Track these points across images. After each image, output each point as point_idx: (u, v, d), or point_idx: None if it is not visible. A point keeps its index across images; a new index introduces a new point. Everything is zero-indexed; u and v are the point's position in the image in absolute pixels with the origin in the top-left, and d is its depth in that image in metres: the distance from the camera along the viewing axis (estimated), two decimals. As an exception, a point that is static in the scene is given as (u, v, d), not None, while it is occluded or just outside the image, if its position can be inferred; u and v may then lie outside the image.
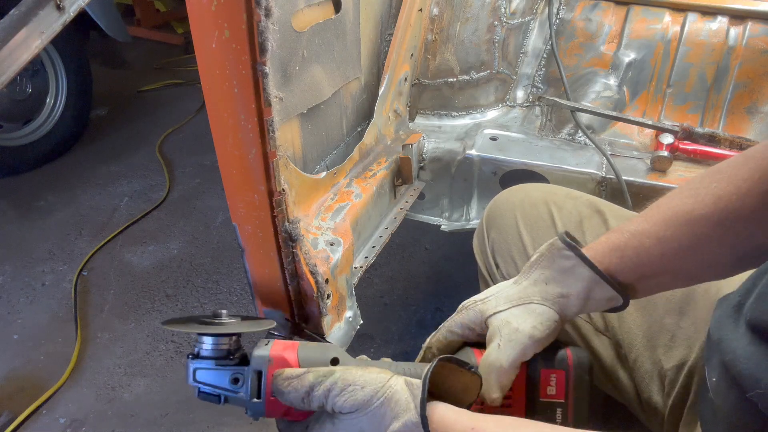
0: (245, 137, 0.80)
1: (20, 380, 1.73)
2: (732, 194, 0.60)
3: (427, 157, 1.41)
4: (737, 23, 1.45)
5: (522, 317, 0.65)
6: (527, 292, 0.67)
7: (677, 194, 0.65)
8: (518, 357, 0.64)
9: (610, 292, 0.65)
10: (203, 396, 0.66)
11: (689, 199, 0.63)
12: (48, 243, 2.30)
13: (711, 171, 0.65)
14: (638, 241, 0.65)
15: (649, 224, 0.65)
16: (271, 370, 0.63)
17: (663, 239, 0.63)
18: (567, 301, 0.66)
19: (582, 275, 0.65)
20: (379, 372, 0.59)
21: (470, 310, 0.69)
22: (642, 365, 0.79)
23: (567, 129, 1.45)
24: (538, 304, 0.66)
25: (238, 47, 0.74)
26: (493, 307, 0.67)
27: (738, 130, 1.43)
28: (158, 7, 4.41)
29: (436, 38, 1.47)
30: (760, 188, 0.59)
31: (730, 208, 0.60)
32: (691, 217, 0.62)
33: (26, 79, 2.67)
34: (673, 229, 0.63)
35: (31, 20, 1.39)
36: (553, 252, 0.68)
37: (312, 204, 1.07)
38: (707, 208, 0.61)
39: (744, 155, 0.63)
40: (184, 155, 2.92)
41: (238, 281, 2.08)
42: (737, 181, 0.61)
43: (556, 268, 0.67)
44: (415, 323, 1.87)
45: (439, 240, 2.22)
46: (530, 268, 0.69)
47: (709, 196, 0.62)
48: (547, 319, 0.65)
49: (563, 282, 0.66)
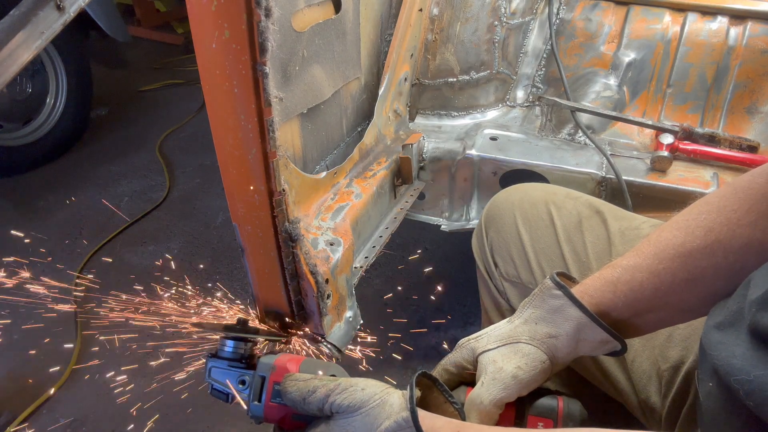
0: (245, 137, 0.80)
1: (20, 380, 1.73)
2: (723, 225, 0.60)
3: (427, 157, 1.41)
4: (737, 23, 1.45)
5: (508, 357, 0.65)
6: (517, 331, 0.67)
7: (668, 227, 0.65)
8: (500, 396, 0.63)
9: (602, 334, 0.64)
10: (215, 393, 0.73)
11: (680, 231, 0.63)
12: (48, 243, 2.30)
13: (700, 202, 0.65)
14: (630, 275, 0.64)
15: (641, 258, 0.64)
16: (273, 377, 0.68)
17: (656, 273, 0.63)
18: (556, 341, 0.65)
19: (571, 315, 0.64)
20: (379, 382, 0.62)
21: (464, 348, 0.70)
22: (640, 366, 0.79)
23: (567, 129, 1.45)
24: (526, 344, 0.65)
25: (238, 47, 0.74)
26: (484, 345, 0.68)
27: (738, 130, 1.43)
28: (158, 7, 4.41)
29: (436, 38, 1.47)
30: (750, 218, 0.59)
31: (722, 239, 0.60)
32: (684, 249, 0.62)
33: (26, 79, 2.67)
34: (667, 262, 0.62)
35: (31, 20, 1.39)
36: (543, 291, 0.67)
37: (312, 204, 1.07)
38: (698, 240, 0.61)
39: (732, 186, 0.63)
40: (184, 155, 2.92)
41: (238, 281, 2.08)
42: (727, 213, 0.60)
43: (546, 308, 0.66)
44: (415, 323, 1.87)
45: (439, 240, 2.22)
46: (524, 307, 0.69)
47: (700, 229, 0.61)
48: (534, 359, 0.64)
49: (552, 322, 0.66)
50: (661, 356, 0.77)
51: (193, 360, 1.11)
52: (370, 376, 0.64)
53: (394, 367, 1.71)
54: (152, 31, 4.38)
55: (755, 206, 0.59)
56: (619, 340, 0.64)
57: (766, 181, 0.60)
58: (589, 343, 0.65)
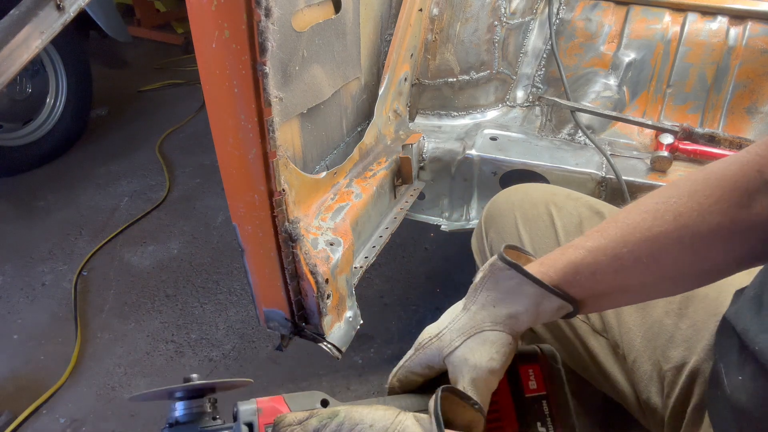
0: (245, 137, 0.81)
1: (20, 380, 1.73)
2: (693, 211, 0.59)
3: (427, 157, 1.41)
4: (737, 23, 1.45)
5: (478, 350, 0.64)
6: (477, 319, 0.66)
7: (635, 210, 0.64)
8: (486, 393, 0.63)
9: (558, 301, 0.64)
10: None
11: (648, 215, 0.62)
12: (48, 243, 2.30)
13: (669, 186, 0.64)
14: (593, 258, 0.63)
15: (606, 240, 0.63)
16: (262, 420, 0.60)
17: (619, 256, 0.62)
18: (517, 320, 0.65)
19: (528, 292, 0.64)
20: (385, 409, 0.57)
21: (428, 348, 0.67)
22: (641, 366, 0.79)
23: (567, 129, 1.45)
24: (491, 331, 0.64)
25: (238, 47, 0.74)
26: (449, 343, 0.65)
27: (738, 130, 1.43)
28: (158, 7, 4.41)
29: (436, 38, 1.47)
30: (721, 206, 0.58)
31: (690, 225, 0.59)
32: (651, 234, 0.61)
33: (26, 79, 2.67)
34: (631, 245, 0.62)
35: (31, 20, 1.39)
36: (495, 272, 0.66)
37: (312, 204, 1.07)
38: (667, 224, 0.60)
39: (704, 171, 0.62)
40: (184, 155, 2.92)
41: (238, 281, 2.08)
42: (698, 198, 0.60)
43: (502, 289, 0.65)
44: (415, 323, 1.87)
45: (439, 240, 2.22)
46: (475, 291, 0.67)
47: (669, 213, 0.61)
48: (502, 344, 0.64)
49: (510, 302, 0.65)
50: (662, 356, 0.77)
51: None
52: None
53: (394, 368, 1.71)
54: (152, 31, 4.38)
55: (726, 194, 0.59)
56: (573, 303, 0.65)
57: (738, 168, 0.59)
58: (546, 313, 0.65)
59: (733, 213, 0.58)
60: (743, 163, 0.59)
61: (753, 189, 0.58)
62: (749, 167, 0.58)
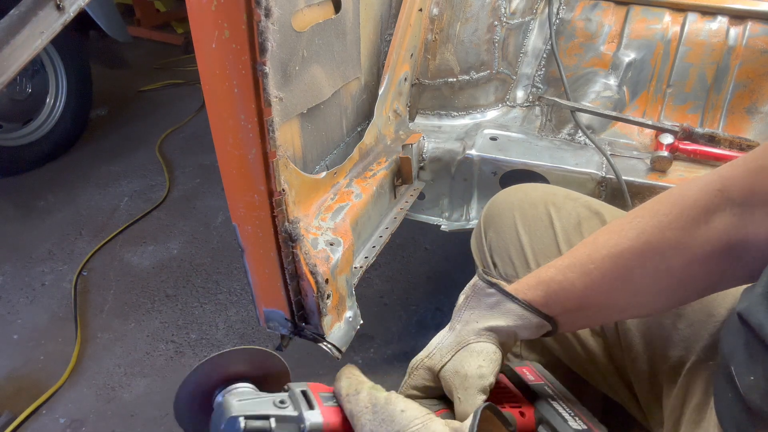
0: (245, 137, 0.81)
1: (20, 380, 1.73)
2: (654, 228, 0.63)
3: (427, 157, 1.41)
4: (737, 23, 1.45)
5: (466, 360, 0.67)
6: (462, 334, 0.69)
7: (604, 231, 0.69)
8: (481, 399, 0.65)
9: (537, 319, 0.68)
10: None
11: (614, 234, 0.66)
12: (48, 243, 2.30)
13: (637, 209, 0.68)
14: (563, 275, 0.67)
15: (574, 258, 0.68)
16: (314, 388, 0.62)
17: (587, 272, 0.66)
18: (498, 332, 0.68)
19: (508, 309, 0.68)
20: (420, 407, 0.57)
21: (420, 369, 0.71)
22: (640, 366, 0.79)
23: (567, 129, 1.45)
24: (476, 343, 0.68)
25: (238, 47, 0.74)
26: (439, 360, 0.69)
27: (738, 130, 1.43)
28: (158, 7, 4.41)
29: (436, 38, 1.48)
30: (678, 223, 0.62)
31: (652, 240, 0.63)
32: (615, 250, 0.65)
33: (26, 79, 2.67)
34: (598, 262, 0.65)
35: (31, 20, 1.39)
36: (477, 292, 0.70)
37: (312, 204, 1.07)
38: (630, 241, 0.64)
39: (667, 193, 0.66)
40: (184, 155, 2.92)
41: (238, 281, 2.08)
42: (659, 216, 0.63)
43: (484, 306, 0.70)
44: (415, 323, 1.87)
45: (439, 240, 2.22)
46: (460, 311, 0.71)
47: (633, 231, 0.64)
48: (488, 353, 0.67)
49: (492, 316, 0.69)
50: (661, 356, 0.77)
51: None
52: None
53: (394, 368, 1.71)
54: (152, 31, 4.38)
55: (686, 212, 0.62)
56: (551, 322, 0.69)
57: (699, 189, 0.63)
58: (527, 329, 0.69)
59: (691, 229, 0.62)
60: (705, 183, 0.63)
61: (713, 207, 0.61)
62: (710, 186, 0.62)
